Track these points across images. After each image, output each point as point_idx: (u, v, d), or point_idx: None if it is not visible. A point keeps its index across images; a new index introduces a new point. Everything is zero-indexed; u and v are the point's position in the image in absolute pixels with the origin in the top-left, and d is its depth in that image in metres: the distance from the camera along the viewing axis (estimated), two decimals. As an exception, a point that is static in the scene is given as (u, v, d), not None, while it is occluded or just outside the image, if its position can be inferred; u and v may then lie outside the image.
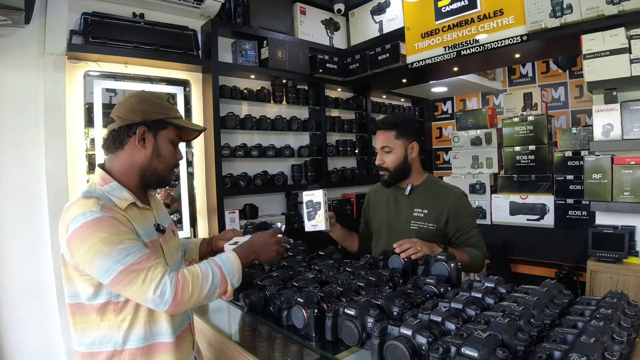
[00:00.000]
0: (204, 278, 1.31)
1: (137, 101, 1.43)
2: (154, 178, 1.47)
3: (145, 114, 1.41)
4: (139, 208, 1.43)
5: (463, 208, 2.17)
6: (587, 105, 4.70)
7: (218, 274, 1.35)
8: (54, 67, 2.89)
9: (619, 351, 1.00)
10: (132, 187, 1.43)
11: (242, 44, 3.90)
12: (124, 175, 1.42)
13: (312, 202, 2.04)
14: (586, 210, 3.18)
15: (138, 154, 1.43)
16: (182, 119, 1.52)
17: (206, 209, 3.74)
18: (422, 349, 1.09)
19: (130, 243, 1.26)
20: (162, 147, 1.45)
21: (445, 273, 1.70)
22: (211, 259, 1.40)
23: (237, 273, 1.40)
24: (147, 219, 1.45)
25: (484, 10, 3.25)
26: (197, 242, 1.88)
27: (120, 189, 1.38)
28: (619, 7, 2.53)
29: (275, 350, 1.65)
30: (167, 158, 1.47)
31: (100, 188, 1.37)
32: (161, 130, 1.44)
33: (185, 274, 1.28)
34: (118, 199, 1.36)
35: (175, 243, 1.61)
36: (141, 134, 1.40)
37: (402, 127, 2.18)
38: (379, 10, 4.28)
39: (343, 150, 4.77)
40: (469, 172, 4.03)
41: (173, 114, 1.47)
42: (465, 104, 6.00)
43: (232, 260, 1.41)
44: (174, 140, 1.49)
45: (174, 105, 1.52)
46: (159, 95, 1.51)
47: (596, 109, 2.68)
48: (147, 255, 1.27)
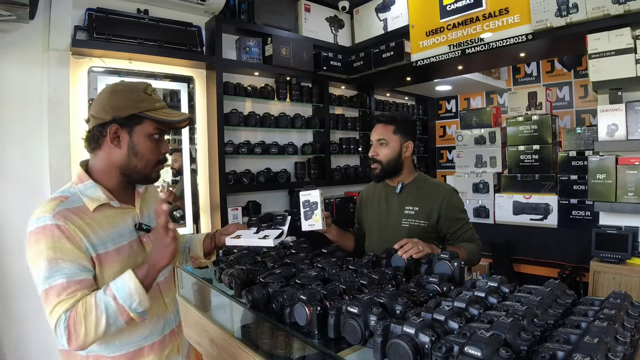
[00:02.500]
0: (98, 311, 1.19)
1: (108, 97, 1.35)
2: (136, 177, 1.41)
3: (117, 110, 1.32)
4: (113, 208, 1.37)
5: (454, 204, 2.19)
6: (591, 105, 4.68)
7: (112, 303, 1.20)
8: (58, 63, 2.90)
9: (622, 352, 0.99)
10: (112, 186, 1.38)
11: (246, 41, 3.90)
12: (104, 175, 1.37)
13: (309, 202, 2.05)
14: (590, 211, 3.17)
15: (114, 154, 1.36)
16: (162, 109, 1.40)
17: (209, 206, 3.75)
18: (425, 348, 1.09)
19: (62, 263, 1.19)
20: (138, 144, 1.36)
21: (449, 272, 1.70)
22: (107, 287, 1.24)
23: (135, 296, 1.22)
24: (124, 220, 1.39)
25: (489, 8, 3.23)
26: (201, 239, 1.82)
27: (94, 189, 1.33)
28: (625, 6, 2.52)
29: (277, 347, 1.65)
30: (146, 155, 1.38)
31: (75, 187, 1.33)
32: (136, 126, 1.35)
33: (79, 310, 1.17)
34: (89, 199, 1.31)
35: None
36: (113, 132, 1.33)
37: (400, 124, 2.21)
38: (384, 8, 4.27)
39: (346, 148, 4.77)
40: (472, 171, 4.02)
41: (148, 106, 1.35)
42: (470, 103, 5.99)
43: (126, 283, 1.23)
44: (153, 134, 1.38)
45: (152, 94, 1.40)
46: (133, 87, 1.38)
47: (601, 109, 2.67)
48: (70, 283, 1.19)
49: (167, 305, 1.50)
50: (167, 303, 1.52)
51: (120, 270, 1.29)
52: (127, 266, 1.30)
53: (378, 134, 2.21)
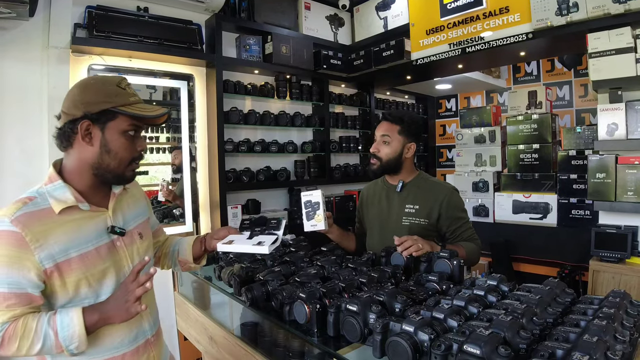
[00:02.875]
0: (35, 338, 1.16)
1: (79, 91, 1.28)
2: (109, 176, 1.33)
3: (88, 106, 1.25)
4: (82, 211, 1.29)
5: (454, 202, 2.20)
6: (591, 104, 4.68)
7: (52, 337, 1.17)
8: (58, 61, 2.89)
9: (621, 350, 1.00)
10: (84, 187, 1.31)
11: (246, 39, 3.90)
12: (75, 175, 1.31)
13: (310, 202, 2.04)
14: (589, 210, 3.17)
15: (86, 152, 1.29)
16: (137, 103, 1.32)
17: (209, 204, 3.75)
18: (424, 346, 1.09)
19: (8, 271, 1.15)
20: (111, 142, 1.28)
21: (448, 270, 1.70)
22: (53, 317, 1.19)
23: (76, 340, 1.18)
24: (93, 224, 1.31)
25: (490, 7, 3.23)
26: (190, 242, 1.73)
27: (63, 190, 1.26)
28: (625, 6, 2.51)
29: (276, 345, 1.66)
30: (120, 152, 1.30)
31: (44, 187, 1.27)
32: (109, 122, 1.27)
33: (17, 329, 1.15)
34: (55, 201, 1.24)
35: (143, 246, 1.47)
36: (85, 129, 1.26)
37: (406, 125, 2.21)
38: (384, 6, 4.27)
39: (346, 147, 4.76)
40: (472, 170, 4.02)
41: (122, 101, 1.28)
42: (470, 102, 5.99)
43: (73, 325, 1.18)
44: (128, 130, 1.30)
45: (126, 88, 1.33)
46: (106, 81, 1.32)
47: (601, 108, 2.67)
48: (12, 294, 1.16)
49: (141, 314, 1.36)
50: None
51: (85, 278, 1.25)
52: (93, 274, 1.27)
53: (383, 131, 2.21)
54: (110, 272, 1.32)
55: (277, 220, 1.74)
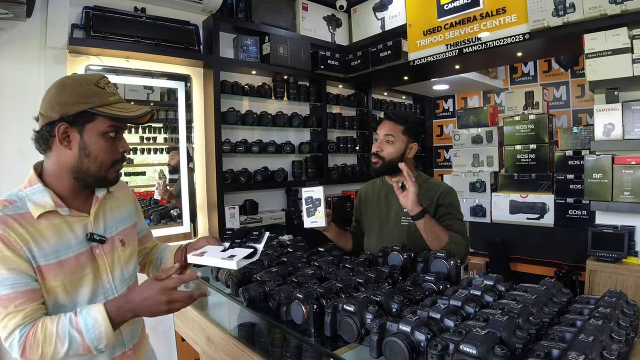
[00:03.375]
0: (59, 342, 1.12)
1: (56, 92, 1.22)
2: (90, 180, 1.28)
3: (65, 107, 1.19)
4: (62, 216, 1.25)
5: (450, 199, 2.19)
6: (588, 105, 4.69)
7: (78, 340, 1.14)
8: (55, 61, 2.89)
9: (617, 350, 1.00)
10: (64, 191, 1.26)
11: (243, 40, 3.90)
12: (55, 178, 1.26)
13: (311, 199, 2.03)
14: (586, 210, 3.18)
15: (65, 156, 1.24)
16: (116, 103, 1.27)
17: (206, 205, 3.74)
18: (421, 346, 1.09)
19: (6, 273, 1.12)
20: (90, 144, 1.23)
21: (445, 270, 1.70)
22: (74, 318, 1.16)
23: (104, 339, 1.16)
24: (72, 230, 1.26)
25: (487, 8, 3.24)
26: (173, 251, 1.67)
27: (42, 193, 1.22)
28: (622, 6, 2.52)
29: (274, 345, 1.66)
30: (100, 155, 1.25)
31: (24, 191, 1.22)
32: (87, 124, 1.22)
33: (38, 335, 1.11)
34: (34, 205, 1.20)
35: (125, 254, 1.42)
36: (62, 132, 1.20)
37: (410, 125, 2.23)
38: (381, 7, 4.27)
39: (344, 147, 4.76)
40: (469, 170, 4.03)
41: (100, 101, 1.22)
42: (467, 102, 6.00)
43: (98, 325, 1.15)
44: (107, 131, 1.25)
45: (105, 87, 1.26)
46: (83, 80, 1.25)
47: (597, 108, 2.67)
48: (17, 294, 1.12)
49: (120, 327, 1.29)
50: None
51: (63, 286, 1.21)
52: (71, 282, 1.23)
53: (386, 130, 2.21)
54: (88, 280, 1.28)
55: (259, 232, 1.66)
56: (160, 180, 3.51)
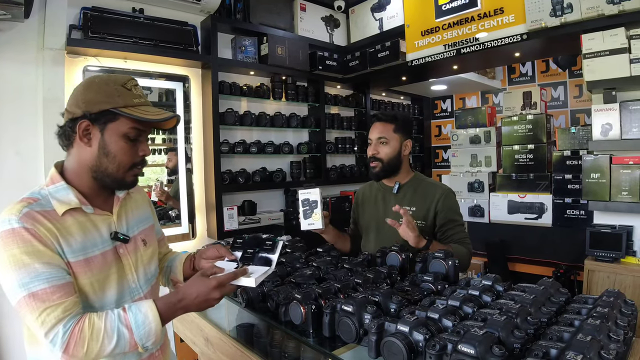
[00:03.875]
0: (107, 338, 1.10)
1: (82, 90, 1.23)
2: (108, 180, 1.26)
3: (88, 105, 1.19)
4: (86, 214, 1.24)
5: (449, 203, 2.20)
6: (586, 105, 4.69)
7: (127, 336, 1.12)
8: (53, 62, 2.88)
9: (615, 350, 1.00)
10: (86, 189, 1.26)
11: (241, 40, 3.90)
12: (76, 176, 1.25)
13: (308, 201, 2.03)
14: (584, 210, 3.19)
15: (84, 153, 1.23)
16: (141, 106, 1.25)
17: (205, 205, 3.74)
18: (419, 346, 1.09)
19: (41, 267, 1.09)
20: (110, 144, 1.22)
21: (443, 270, 1.70)
22: (123, 314, 1.15)
23: (153, 336, 1.16)
24: (97, 228, 1.25)
25: (484, 8, 3.24)
26: (182, 260, 1.63)
27: (66, 191, 1.21)
28: (619, 6, 2.53)
29: (272, 346, 1.66)
30: (119, 156, 1.24)
31: (46, 189, 1.21)
32: (109, 124, 1.21)
33: (84, 329, 1.08)
34: (58, 203, 1.18)
35: (147, 254, 1.41)
36: (83, 129, 1.20)
37: (400, 123, 2.22)
38: (379, 7, 4.27)
39: (342, 148, 4.76)
40: (467, 171, 4.03)
41: (124, 102, 1.22)
42: (465, 103, 6.00)
43: (148, 321, 1.15)
44: (129, 133, 1.24)
45: (132, 89, 1.26)
46: (110, 80, 1.25)
47: (595, 108, 2.68)
48: (55, 288, 1.09)
49: None
50: None
51: (90, 284, 1.19)
52: (98, 280, 1.21)
53: (378, 132, 2.20)
54: (114, 279, 1.26)
55: (273, 241, 1.56)
56: (158, 182, 3.51)
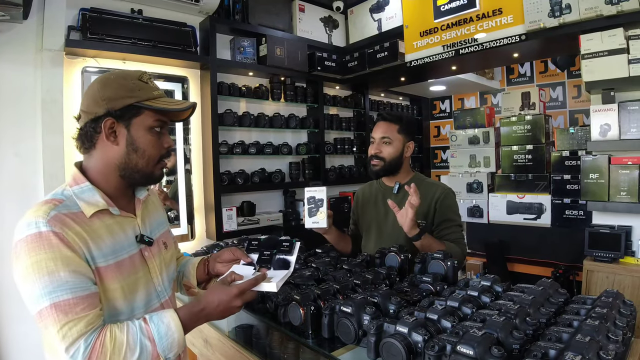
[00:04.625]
0: (129, 352, 1.06)
1: (99, 87, 1.19)
2: (137, 177, 1.24)
3: (111, 102, 1.17)
4: (113, 216, 1.21)
5: (448, 202, 2.20)
6: (584, 105, 4.70)
7: (149, 349, 1.09)
8: (52, 63, 2.88)
9: (614, 350, 1.00)
10: (111, 190, 1.23)
11: (240, 41, 3.90)
12: (101, 177, 1.22)
13: (314, 199, 2.02)
14: (583, 210, 3.18)
15: (111, 152, 1.21)
16: (161, 97, 1.25)
17: (203, 206, 3.74)
18: (418, 347, 1.09)
19: (66, 275, 1.04)
20: (138, 139, 1.21)
21: (442, 271, 1.70)
22: (145, 326, 1.11)
23: (176, 347, 1.13)
24: (124, 230, 1.23)
25: (483, 9, 3.25)
26: (195, 264, 1.59)
27: (92, 192, 1.18)
28: (618, 7, 2.53)
29: (271, 347, 1.65)
30: (148, 150, 1.23)
31: (70, 189, 1.17)
32: (134, 118, 1.20)
33: (106, 343, 1.04)
34: (85, 204, 1.15)
35: (167, 256, 1.40)
36: (109, 127, 1.18)
37: (404, 124, 2.23)
38: (378, 8, 4.28)
39: (341, 148, 4.76)
40: (466, 171, 4.03)
41: (146, 95, 1.21)
42: (464, 103, 6.01)
43: (171, 332, 1.12)
44: (154, 126, 1.23)
45: (148, 82, 1.25)
46: (127, 75, 1.24)
47: (594, 109, 2.68)
48: (78, 299, 1.04)
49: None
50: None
51: (121, 289, 1.16)
52: (129, 284, 1.18)
53: (382, 132, 2.21)
54: (142, 283, 1.24)
55: (290, 242, 1.53)
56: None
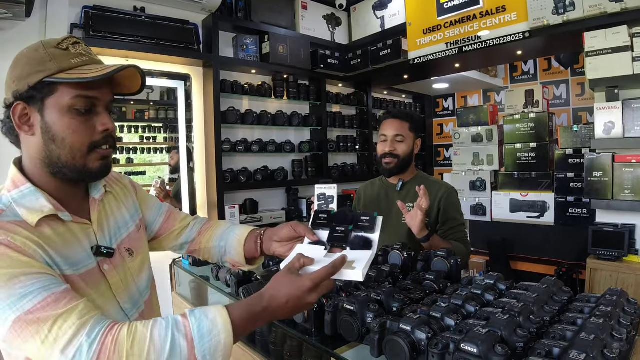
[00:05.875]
0: (153, 351, 0.80)
1: (10, 68, 0.95)
2: (67, 172, 0.97)
3: (18, 83, 0.92)
4: (64, 223, 0.97)
5: (452, 201, 2.22)
6: (588, 103, 4.69)
7: (184, 350, 0.82)
8: (55, 61, 2.88)
9: (618, 349, 1.00)
10: (53, 190, 0.98)
11: (243, 39, 3.89)
12: (37, 176, 0.98)
13: (324, 196, 2.01)
14: (586, 208, 3.17)
15: (30, 144, 0.97)
16: (87, 65, 0.95)
17: (206, 204, 3.74)
18: (422, 345, 1.09)
19: (29, 279, 0.81)
20: (53, 124, 0.93)
21: (445, 269, 1.70)
22: (182, 320, 0.86)
23: (220, 354, 0.86)
24: (77, 239, 0.98)
25: (487, 6, 3.23)
26: (242, 239, 1.32)
27: (35, 195, 0.94)
28: (622, 4, 2.52)
29: (274, 344, 1.65)
30: (68, 137, 0.94)
31: (8, 194, 0.94)
32: (47, 99, 0.92)
33: (121, 339, 0.79)
34: (27, 211, 0.91)
35: (135, 265, 1.13)
36: (19, 114, 0.94)
37: (414, 122, 2.27)
38: (381, 5, 4.26)
39: (344, 146, 4.76)
40: (469, 169, 4.02)
41: (59, 66, 0.91)
42: (467, 101, 5.99)
43: (217, 332, 0.86)
44: (74, 105, 0.93)
45: (70, 47, 0.96)
46: (42, 44, 0.94)
47: (598, 106, 2.67)
48: (58, 295, 0.82)
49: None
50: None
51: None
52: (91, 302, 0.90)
53: (395, 130, 2.22)
54: (101, 303, 0.98)
55: (370, 217, 1.24)
56: (159, 179, 3.51)
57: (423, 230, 1.95)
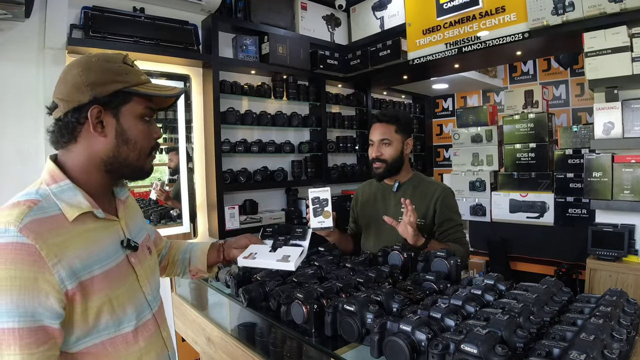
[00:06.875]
0: None
1: (81, 72, 1.03)
2: (126, 171, 1.12)
3: (96, 88, 1.02)
4: (96, 220, 1.07)
5: (448, 202, 2.22)
6: (588, 104, 4.69)
7: None
8: (54, 62, 2.88)
9: (618, 349, 1.00)
10: (92, 189, 1.07)
11: (242, 39, 3.89)
12: (82, 174, 1.07)
13: (318, 199, 2.01)
14: (586, 209, 3.18)
15: (97, 144, 1.06)
16: (148, 83, 1.12)
17: (206, 205, 3.74)
18: (422, 345, 1.09)
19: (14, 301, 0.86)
20: (129, 129, 1.08)
21: (445, 270, 1.70)
22: None
23: None
24: (109, 235, 1.10)
25: (486, 7, 3.24)
26: (205, 250, 1.56)
27: (74, 191, 1.03)
28: (621, 5, 2.52)
29: (274, 345, 1.65)
30: (140, 141, 1.10)
31: (46, 188, 1.02)
32: (123, 106, 1.07)
33: None
34: (67, 206, 1.00)
35: (151, 263, 1.26)
36: (96, 117, 1.03)
37: (402, 123, 2.23)
38: (380, 6, 4.26)
39: (343, 147, 4.76)
40: (469, 170, 4.02)
41: (135, 79, 1.08)
42: (466, 101, 5.99)
43: None
44: (145, 114, 1.11)
45: (133, 65, 1.12)
46: (110, 57, 1.08)
47: (597, 107, 2.67)
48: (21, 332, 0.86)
49: (164, 340, 1.24)
50: (164, 337, 1.25)
51: (109, 300, 1.03)
52: (117, 297, 1.05)
53: (380, 134, 2.22)
54: (131, 294, 1.11)
55: (303, 229, 1.64)
56: (159, 181, 3.51)
57: (418, 239, 1.95)
